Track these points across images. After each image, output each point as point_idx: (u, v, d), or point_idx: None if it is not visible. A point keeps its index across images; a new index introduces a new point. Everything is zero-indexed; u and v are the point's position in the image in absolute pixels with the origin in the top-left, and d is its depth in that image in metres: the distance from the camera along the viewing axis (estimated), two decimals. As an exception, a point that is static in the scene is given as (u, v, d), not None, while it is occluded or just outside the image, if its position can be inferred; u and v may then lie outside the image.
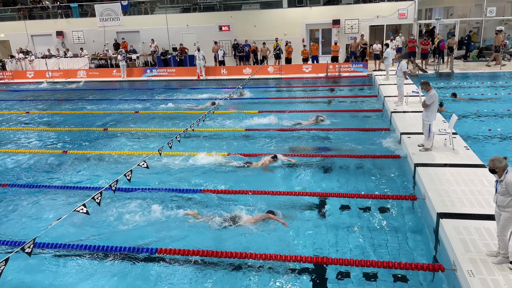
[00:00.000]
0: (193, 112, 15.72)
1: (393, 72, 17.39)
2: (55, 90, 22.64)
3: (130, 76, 24.68)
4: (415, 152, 9.72)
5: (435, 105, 9.52)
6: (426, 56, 21.87)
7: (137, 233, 7.42)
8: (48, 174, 10.44)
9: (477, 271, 5.47)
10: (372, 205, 7.95)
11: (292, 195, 8.43)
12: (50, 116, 16.77)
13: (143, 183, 9.39)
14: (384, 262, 6.10)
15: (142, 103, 18.14)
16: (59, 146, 12.65)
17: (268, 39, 24.68)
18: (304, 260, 6.31)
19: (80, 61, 26.71)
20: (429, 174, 8.53)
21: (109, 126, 14.57)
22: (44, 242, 7.12)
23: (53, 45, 28.62)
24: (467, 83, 18.40)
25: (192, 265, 6.44)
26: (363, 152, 10.70)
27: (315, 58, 23.69)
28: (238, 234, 7.19)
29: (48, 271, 6.51)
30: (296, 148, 11.37)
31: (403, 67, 13.79)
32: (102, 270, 6.47)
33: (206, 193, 8.71)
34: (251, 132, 12.99)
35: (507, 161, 5.41)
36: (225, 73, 23.90)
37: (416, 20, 24.14)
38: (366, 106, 15.58)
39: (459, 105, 14.82)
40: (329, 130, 12.75)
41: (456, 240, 6.18)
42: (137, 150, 11.73)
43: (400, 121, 12.41)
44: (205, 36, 26.14)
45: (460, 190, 7.76)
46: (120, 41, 27.38)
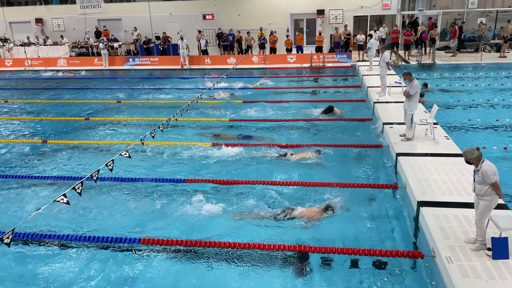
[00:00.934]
0: (176, 102, 15.57)
1: (376, 62, 17.52)
2: (35, 79, 22.12)
3: (112, 65, 24.26)
4: (397, 142, 9.84)
5: (417, 96, 9.65)
6: (409, 47, 22.06)
7: (122, 222, 7.37)
8: (28, 164, 10.24)
9: (455, 258, 5.60)
10: (355, 194, 8.02)
11: (270, 184, 8.46)
12: (29, 105, 16.40)
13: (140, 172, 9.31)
14: (365, 249, 6.20)
15: (124, 93, 17.88)
16: (39, 135, 12.40)
17: (252, 29, 24.52)
18: (288, 248, 6.36)
19: (60, 49, 26.13)
20: (410, 163, 8.65)
21: (91, 115, 14.34)
22: (24, 232, 7.01)
23: (32, 33, 27.89)
24: (448, 74, 18.65)
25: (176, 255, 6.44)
26: (346, 142, 10.78)
27: (299, 48, 23.67)
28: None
29: (28, 261, 6.41)
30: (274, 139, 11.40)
31: (386, 58, 13.89)
32: (95, 260, 6.42)
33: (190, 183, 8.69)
34: (236, 122, 12.96)
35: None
36: (209, 63, 23.70)
37: (400, 11, 24.29)
38: (349, 97, 15.67)
39: (440, 96, 15.04)
40: (312, 121, 12.79)
41: (436, 228, 6.32)
42: (119, 140, 11.58)
43: (382, 111, 12.53)
44: (188, 24, 25.83)
45: (440, 179, 7.91)
46: (102, 29, 26.85)
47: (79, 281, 5.89)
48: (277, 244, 6.45)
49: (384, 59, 13.87)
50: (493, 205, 5.55)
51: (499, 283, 5.13)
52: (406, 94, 9.64)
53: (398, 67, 19.89)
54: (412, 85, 9.58)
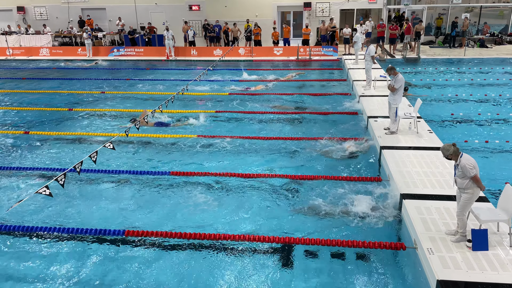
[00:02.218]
0: (161, 94, 15.43)
1: (362, 56, 17.61)
2: (17, 69, 21.64)
3: (96, 55, 23.88)
4: (381, 135, 9.94)
5: (401, 90, 9.74)
6: (394, 41, 22.22)
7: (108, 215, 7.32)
8: (9, 155, 10.06)
9: (437, 249, 5.71)
10: (338, 187, 8.10)
11: (257, 177, 8.48)
12: (11, 95, 16.05)
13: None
14: (349, 241, 6.27)
15: (108, 83, 17.64)
16: (20, 126, 12.16)
17: (239, 20, 24.36)
18: (272, 240, 6.40)
19: (43, 38, 25.59)
20: (394, 156, 8.76)
21: (74, 106, 14.12)
22: (6, 224, 6.91)
23: (13, 21, 27.22)
24: (432, 68, 18.87)
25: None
26: (330, 135, 10.84)
27: (286, 41, 23.63)
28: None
29: (12, 254, 6.32)
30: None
31: (371, 52, 13.96)
32: (86, 253, 6.36)
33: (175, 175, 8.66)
34: (221, 114, 12.93)
35: (457, 147, 5.63)
36: (195, 54, 23.51)
37: (386, 5, 24.42)
38: (335, 90, 15.74)
39: (424, 90, 15.21)
40: (298, 114, 12.83)
41: (418, 220, 6.42)
42: (103, 131, 11.45)
43: (367, 104, 12.63)
44: (174, 15, 25.53)
45: (422, 172, 8.03)
46: (85, 18, 26.36)
47: (63, 274, 5.83)
48: (261, 235, 6.48)
49: (369, 53, 13.94)
50: (474, 198, 5.67)
51: (478, 274, 5.25)
52: (391, 88, 9.72)
53: (383, 61, 20.04)
54: (397, 79, 9.66)
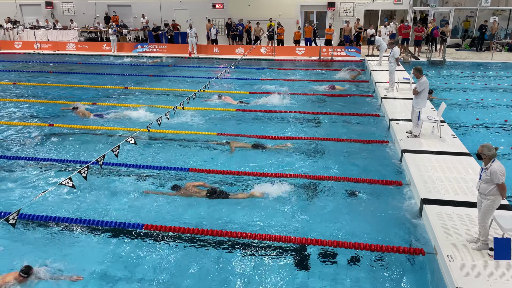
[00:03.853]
0: (183, 90, 15.57)
1: (386, 58, 17.39)
2: (44, 62, 22.17)
3: (120, 51, 24.27)
4: (403, 139, 9.80)
5: (425, 93, 9.57)
6: (419, 43, 21.85)
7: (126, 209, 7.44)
8: (34, 147, 10.32)
9: (457, 256, 5.61)
10: (358, 189, 8.03)
11: (278, 176, 8.48)
12: (38, 88, 16.47)
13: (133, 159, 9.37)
14: (367, 244, 6.21)
15: (132, 79, 17.91)
16: (45, 119, 12.46)
17: (262, 19, 24.37)
18: (289, 240, 6.39)
19: (70, 33, 26.15)
20: (415, 160, 8.63)
21: (98, 100, 14.38)
22: (30, 213, 7.10)
23: (42, 16, 27.92)
24: (458, 72, 18.48)
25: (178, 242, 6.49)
26: (351, 136, 10.76)
27: (308, 40, 23.52)
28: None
29: (34, 243, 6.49)
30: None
31: (396, 53, 13.78)
32: (91, 244, 6.49)
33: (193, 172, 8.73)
34: (241, 113, 12.96)
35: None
36: (217, 52, 23.63)
37: (411, 6, 24.03)
38: (357, 91, 15.59)
39: (448, 94, 14.92)
40: (318, 114, 12.76)
41: (438, 226, 6.32)
42: (125, 126, 11.62)
43: (390, 107, 12.46)
44: (198, 13, 25.72)
45: (444, 177, 7.88)
46: (111, 14, 26.81)
47: (82, 263, 5.95)
48: (277, 235, 6.48)
49: (393, 54, 13.76)
50: (496, 205, 5.53)
51: (499, 283, 5.13)
52: (414, 91, 9.58)
53: (407, 63, 19.74)
54: (419, 82, 9.51)
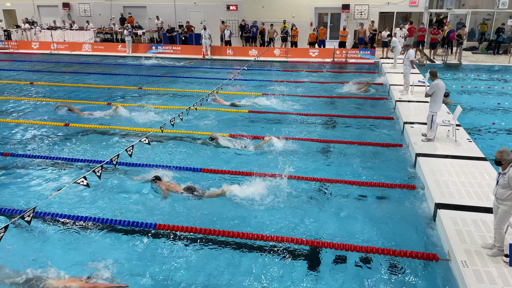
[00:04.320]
0: (197, 91, 15.65)
1: (400, 60, 17.23)
2: (60, 62, 22.51)
3: (135, 52, 24.51)
4: (417, 142, 9.70)
5: (439, 96, 9.44)
6: (435, 46, 21.61)
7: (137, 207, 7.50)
8: (50, 146, 10.47)
9: (471, 262, 5.52)
10: (371, 193, 7.97)
11: (291, 178, 8.46)
12: (53, 88, 16.72)
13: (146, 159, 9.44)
14: (379, 248, 6.15)
15: (146, 79, 18.08)
16: (61, 119, 12.63)
17: (276, 21, 24.38)
18: (300, 242, 6.36)
19: (86, 34, 26.50)
20: (430, 164, 8.52)
21: (113, 100, 14.53)
22: (45, 211, 7.20)
23: (59, 17, 28.36)
24: (474, 75, 18.22)
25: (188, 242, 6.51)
26: (365, 139, 10.68)
27: (322, 42, 23.45)
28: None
29: (48, 240, 6.58)
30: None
31: (411, 56, 13.65)
32: (101, 242, 6.55)
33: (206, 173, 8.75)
34: (254, 114, 12.96)
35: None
36: (231, 54, 23.71)
37: (427, 9, 23.79)
38: (371, 94, 15.48)
39: (464, 97, 14.72)
40: (332, 116, 12.70)
41: (452, 231, 6.22)
42: (139, 126, 11.72)
43: (404, 110, 12.35)
44: (212, 14, 25.84)
45: (459, 181, 7.77)
46: (127, 15, 27.11)
47: (94, 261, 6.01)
48: (289, 237, 6.46)
49: (408, 57, 13.64)
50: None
51: (515, 291, 5.03)
52: (425, 94, 9.53)
53: (423, 66, 19.54)
54: (431, 84, 9.44)
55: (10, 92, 16.00)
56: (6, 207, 7.42)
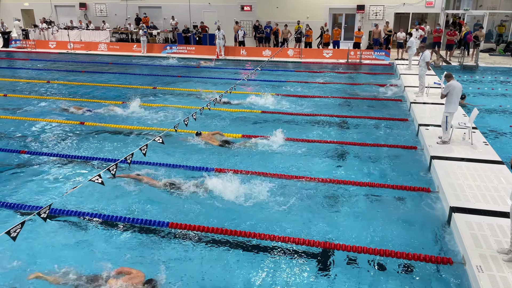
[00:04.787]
0: (210, 91, 15.71)
1: (416, 62, 17.06)
2: (77, 62, 22.83)
3: (150, 52, 24.73)
4: (432, 144, 9.58)
5: (454, 96, 9.33)
6: (451, 47, 21.34)
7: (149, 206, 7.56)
8: (65, 144, 10.62)
9: (486, 267, 5.43)
10: (385, 195, 7.91)
11: (303, 180, 8.44)
12: (70, 87, 16.97)
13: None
14: (392, 251, 6.10)
15: (160, 79, 18.22)
16: (77, 117, 12.80)
17: (290, 22, 24.35)
18: (313, 244, 6.34)
19: (102, 34, 26.82)
20: (445, 167, 8.41)
21: (127, 99, 14.69)
22: (60, 208, 7.31)
23: (75, 17, 28.76)
24: (491, 77, 17.94)
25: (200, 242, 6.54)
26: (379, 141, 10.60)
27: (336, 43, 23.34)
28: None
29: (62, 237, 6.67)
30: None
31: (427, 57, 13.51)
32: (114, 240, 6.62)
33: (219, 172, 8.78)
34: (267, 115, 12.96)
35: None
36: (245, 54, 23.75)
37: (444, 10, 23.50)
38: (385, 95, 15.35)
39: (481, 99, 14.50)
40: (346, 117, 12.63)
41: (467, 235, 6.14)
42: (153, 126, 11.82)
43: (419, 112, 12.21)
44: (226, 15, 25.92)
45: (475, 185, 7.66)
46: (142, 16, 27.36)
47: (108, 259, 6.08)
48: (301, 238, 6.44)
49: (424, 58, 13.50)
50: (530, 216, 5.34)
51: (531, 297, 4.94)
52: (441, 95, 9.47)
53: (438, 68, 19.31)
54: (446, 85, 9.36)
55: (27, 91, 16.28)
56: (23, 203, 7.55)
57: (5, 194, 7.97)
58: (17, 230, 4.42)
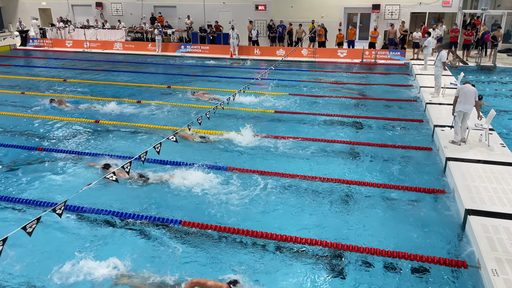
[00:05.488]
0: (223, 90, 15.75)
1: (432, 62, 16.84)
2: (92, 60, 23.11)
3: (164, 51, 24.89)
4: (447, 146, 9.45)
5: (461, 97, 9.33)
6: (468, 47, 21.00)
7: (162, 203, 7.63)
8: (80, 142, 10.75)
9: (502, 271, 5.34)
10: (399, 196, 7.83)
11: (317, 180, 8.41)
12: (86, 85, 17.19)
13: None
14: (405, 253, 6.03)
15: (174, 78, 18.34)
16: (92, 115, 12.96)
17: (304, 21, 24.25)
18: (325, 245, 6.31)
19: (117, 33, 27.08)
20: (460, 169, 8.29)
21: (142, 98, 14.81)
22: (75, 205, 7.42)
23: (92, 16, 29.10)
24: (509, 78, 17.61)
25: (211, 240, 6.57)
26: (393, 141, 10.51)
27: (351, 43, 23.17)
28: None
29: (76, 233, 6.77)
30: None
31: (443, 58, 13.33)
32: (128, 237, 6.69)
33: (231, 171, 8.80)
34: (280, 114, 12.94)
35: None
36: (258, 53, 23.74)
37: (461, 9, 23.14)
38: (400, 96, 15.19)
39: (499, 100, 14.25)
40: (360, 118, 12.54)
41: (483, 238, 6.04)
42: (167, 125, 11.90)
43: (434, 112, 12.06)
44: (241, 14, 25.94)
45: (491, 187, 7.53)
46: (157, 15, 27.55)
47: (122, 256, 6.15)
48: (313, 239, 6.42)
49: (440, 58, 13.32)
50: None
51: (549, 303, 4.84)
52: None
53: (455, 68, 19.03)
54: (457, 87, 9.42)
55: (44, 89, 16.54)
56: (39, 200, 7.68)
57: (22, 189, 8.13)
58: (33, 226, 4.49)
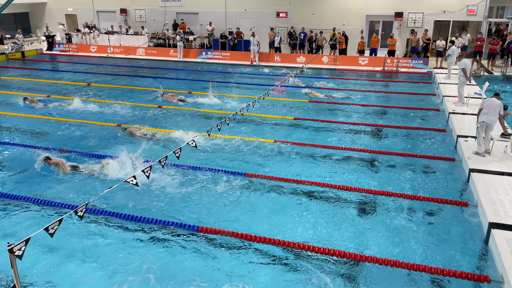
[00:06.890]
0: (243, 96, 15.80)
1: (455, 71, 16.56)
2: (116, 65, 23.54)
3: (186, 57, 25.17)
4: (470, 157, 9.25)
5: (485, 109, 9.22)
6: (493, 56, 20.56)
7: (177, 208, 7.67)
8: (102, 145, 10.93)
9: (528, 288, 5.17)
10: (421, 208, 7.68)
11: (336, 188, 8.33)
12: (109, 90, 17.51)
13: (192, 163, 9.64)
14: (426, 266, 5.90)
15: (196, 84, 18.51)
16: (114, 119, 13.17)
17: (325, 28, 24.19)
18: (343, 255, 6.22)
19: (140, 39, 27.55)
20: (484, 181, 8.09)
21: (163, 104, 14.98)
22: (94, 208, 7.53)
23: (116, 22, 29.70)
24: (536, 88, 17.15)
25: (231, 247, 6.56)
26: (415, 151, 10.34)
27: (373, 51, 22.99)
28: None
29: (94, 236, 6.86)
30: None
31: (462, 64, 13.12)
32: (146, 242, 6.75)
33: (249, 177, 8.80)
34: (299, 121, 12.90)
35: None
36: (279, 60, 23.77)
37: (486, 18, 22.70)
38: (423, 105, 14.95)
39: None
40: (381, 127, 12.39)
41: (507, 253, 5.86)
42: (188, 130, 12.00)
43: (458, 122, 11.82)
44: (262, 21, 26.07)
45: (517, 201, 7.31)
46: (179, 21, 27.92)
47: (134, 261, 6.20)
48: (330, 249, 6.34)
49: (460, 66, 13.07)
50: None
51: None
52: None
53: (479, 78, 18.64)
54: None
55: (68, 92, 16.90)
56: (61, 202, 7.82)
57: (44, 192, 8.30)
58: (55, 227, 4.57)
